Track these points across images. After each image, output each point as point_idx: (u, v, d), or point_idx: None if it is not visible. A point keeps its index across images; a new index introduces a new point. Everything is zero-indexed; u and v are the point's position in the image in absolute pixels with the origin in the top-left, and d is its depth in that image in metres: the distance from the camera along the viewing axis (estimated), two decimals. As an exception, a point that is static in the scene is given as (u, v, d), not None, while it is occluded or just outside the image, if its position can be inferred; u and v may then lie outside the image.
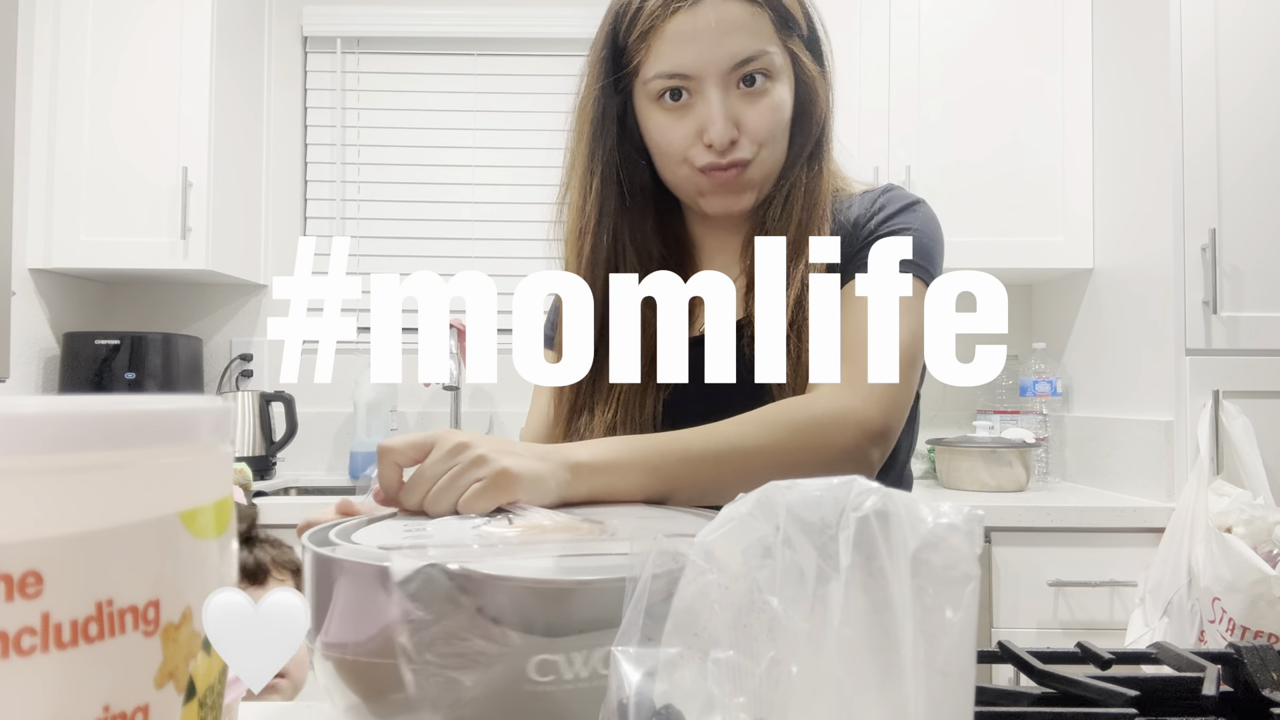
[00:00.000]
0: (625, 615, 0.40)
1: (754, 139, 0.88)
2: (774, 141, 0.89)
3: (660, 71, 0.87)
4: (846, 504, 0.38)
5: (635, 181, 0.95)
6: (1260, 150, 1.91)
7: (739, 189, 0.90)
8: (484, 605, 0.45)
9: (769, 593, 0.38)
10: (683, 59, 0.85)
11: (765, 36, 0.86)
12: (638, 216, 0.95)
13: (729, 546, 0.40)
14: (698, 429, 0.75)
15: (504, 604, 0.45)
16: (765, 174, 0.91)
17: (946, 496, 2.07)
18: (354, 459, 2.46)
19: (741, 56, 0.85)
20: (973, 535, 0.37)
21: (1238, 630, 1.64)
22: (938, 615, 0.35)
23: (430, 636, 0.45)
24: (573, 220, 0.95)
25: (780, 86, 0.88)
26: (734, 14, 0.84)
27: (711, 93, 0.86)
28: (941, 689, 0.35)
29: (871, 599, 0.36)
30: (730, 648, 0.38)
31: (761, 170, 0.90)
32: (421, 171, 2.66)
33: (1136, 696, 0.44)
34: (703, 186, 0.90)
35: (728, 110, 0.86)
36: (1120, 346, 2.14)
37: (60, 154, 2.25)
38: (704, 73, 0.85)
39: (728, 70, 0.85)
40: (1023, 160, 2.26)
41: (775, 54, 0.87)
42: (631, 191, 0.95)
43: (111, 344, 2.30)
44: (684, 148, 0.89)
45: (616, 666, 0.39)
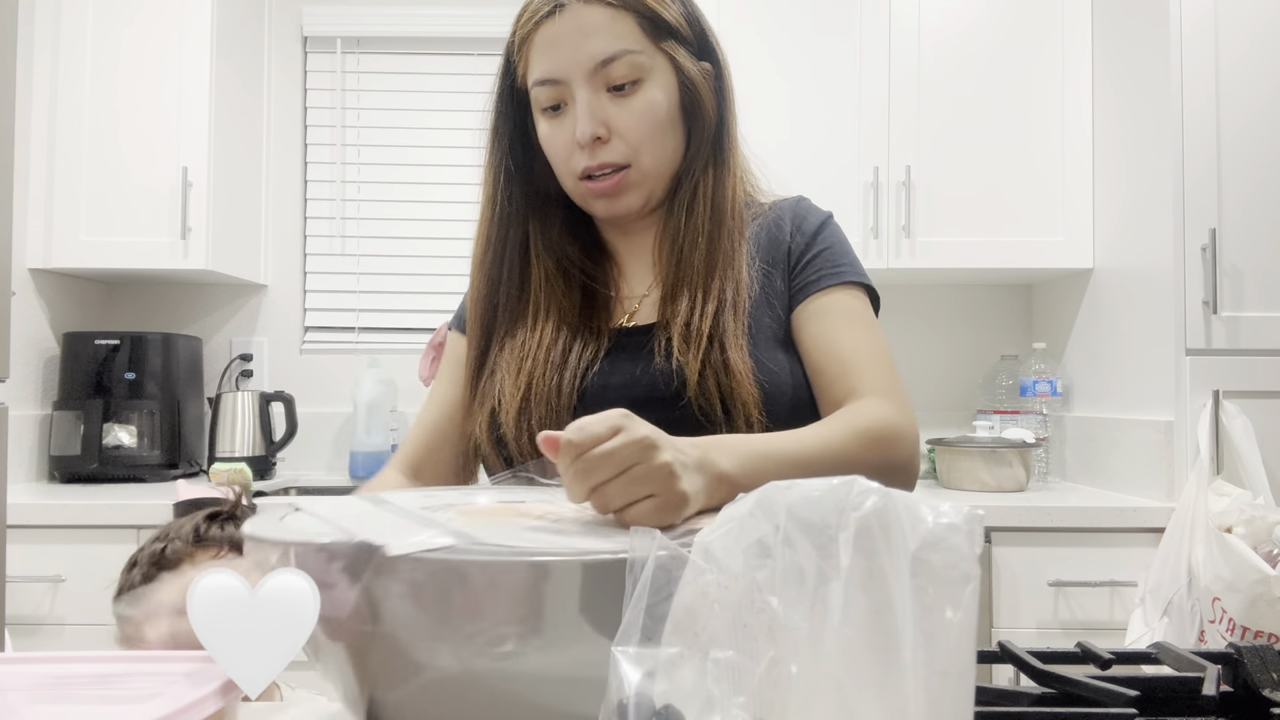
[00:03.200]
0: (625, 615, 0.40)
1: (626, 140, 0.91)
2: (651, 142, 0.91)
3: (535, 79, 0.91)
4: (846, 504, 0.38)
5: (542, 191, 0.99)
6: (1260, 150, 1.91)
7: (619, 192, 0.93)
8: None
9: (769, 593, 0.38)
10: (550, 64, 0.90)
11: (628, 38, 0.89)
12: (543, 224, 0.99)
13: (729, 546, 0.40)
14: (787, 434, 0.78)
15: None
16: (647, 176, 0.93)
17: (946, 496, 2.07)
18: (354, 459, 2.46)
19: (602, 57, 0.88)
20: (973, 535, 0.37)
21: (1238, 630, 1.64)
22: (938, 615, 0.35)
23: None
24: (479, 227, 0.99)
25: (652, 88, 0.91)
26: (594, 18, 0.88)
27: (579, 94, 0.89)
28: (941, 689, 0.35)
29: (871, 599, 0.36)
30: (730, 648, 0.38)
31: (641, 172, 0.92)
32: (421, 171, 2.66)
33: (1136, 696, 0.44)
34: (585, 192, 0.94)
35: (594, 110, 0.89)
36: (1120, 346, 2.14)
37: (60, 154, 2.25)
38: (569, 76, 0.89)
39: (590, 71, 0.89)
40: (1023, 160, 2.26)
41: (641, 55, 0.90)
42: (537, 201, 0.99)
43: (111, 344, 2.30)
44: (566, 155, 0.92)
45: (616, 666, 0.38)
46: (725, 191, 0.95)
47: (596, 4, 0.89)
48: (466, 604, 0.45)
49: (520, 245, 0.98)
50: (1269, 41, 1.92)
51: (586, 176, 0.92)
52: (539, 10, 0.91)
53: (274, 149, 2.65)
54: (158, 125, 2.26)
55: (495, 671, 0.46)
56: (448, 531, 0.51)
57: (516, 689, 0.46)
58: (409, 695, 0.48)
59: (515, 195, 0.98)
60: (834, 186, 2.24)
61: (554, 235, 0.98)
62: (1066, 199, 2.25)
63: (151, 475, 2.30)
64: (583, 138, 0.89)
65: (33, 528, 1.88)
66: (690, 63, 0.93)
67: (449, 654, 0.45)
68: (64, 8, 2.26)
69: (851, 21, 2.28)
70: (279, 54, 2.66)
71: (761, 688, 0.36)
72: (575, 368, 0.91)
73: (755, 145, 1.05)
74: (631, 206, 0.94)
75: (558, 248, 0.98)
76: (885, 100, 2.26)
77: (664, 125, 0.92)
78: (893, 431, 0.84)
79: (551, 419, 0.89)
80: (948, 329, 2.61)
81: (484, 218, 0.99)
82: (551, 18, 0.89)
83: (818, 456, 0.78)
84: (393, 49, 2.67)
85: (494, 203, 0.98)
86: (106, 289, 2.61)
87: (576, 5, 0.89)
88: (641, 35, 0.90)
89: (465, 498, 0.68)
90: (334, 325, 2.64)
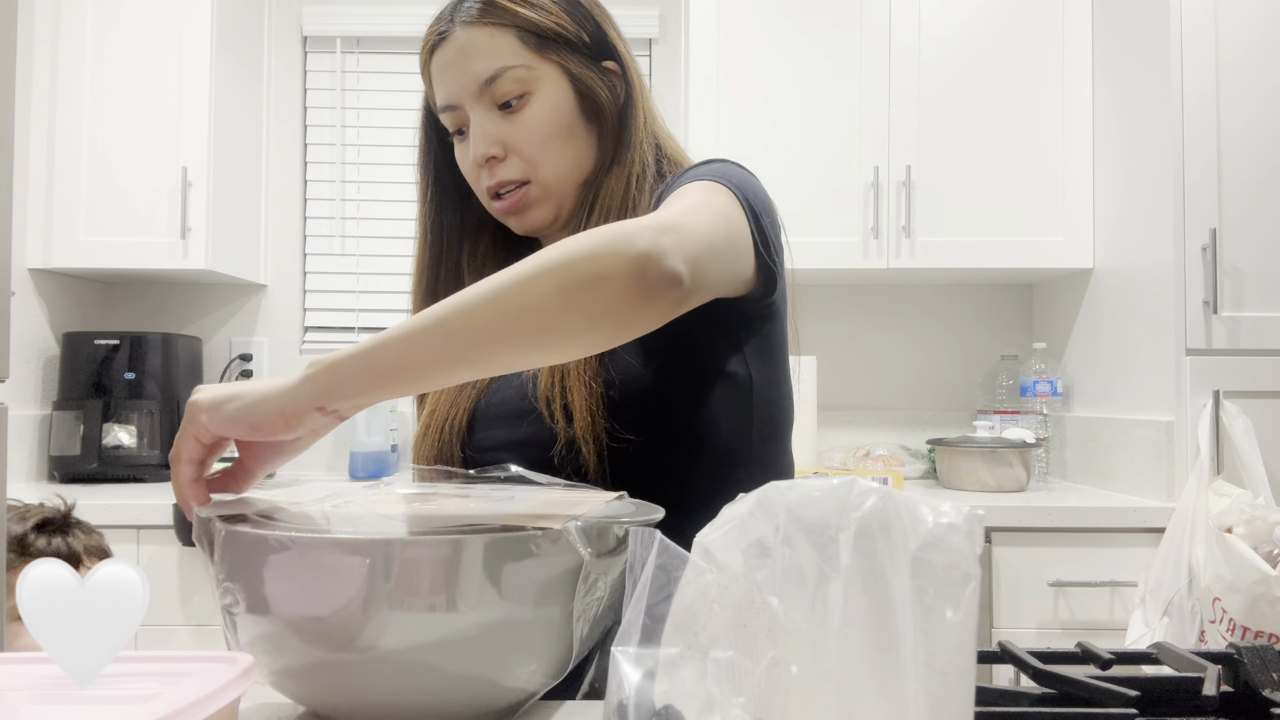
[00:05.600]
0: (625, 615, 0.40)
1: (521, 155, 0.91)
2: (546, 155, 0.91)
3: (439, 107, 0.93)
4: (846, 504, 0.38)
5: (475, 213, 1.00)
6: (1260, 150, 1.91)
7: (523, 208, 0.93)
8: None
9: (769, 593, 0.38)
10: (444, 90, 0.91)
11: (509, 54, 0.89)
12: (473, 247, 1.00)
13: (729, 546, 0.40)
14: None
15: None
16: (549, 189, 0.92)
17: (946, 496, 2.07)
18: (353, 459, 2.46)
19: (484, 76, 0.89)
20: (973, 535, 0.37)
21: (1238, 630, 1.64)
22: (938, 615, 0.35)
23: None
24: (415, 255, 1.00)
25: (539, 101, 0.90)
26: (474, 39, 0.89)
27: (472, 116, 0.90)
28: (941, 689, 0.35)
29: (871, 599, 0.36)
30: (730, 647, 0.38)
31: (543, 186, 0.92)
32: (421, 171, 2.65)
33: (1137, 697, 0.44)
34: (496, 211, 0.94)
35: (485, 130, 0.90)
36: (1120, 346, 2.14)
37: (60, 154, 2.25)
38: (460, 99, 0.91)
39: (476, 92, 0.90)
40: (1023, 160, 2.26)
41: (522, 69, 0.89)
42: (472, 223, 1.00)
43: (111, 344, 2.30)
44: (474, 177, 0.93)
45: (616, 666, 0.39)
46: (618, 189, 0.92)
47: (476, 25, 0.89)
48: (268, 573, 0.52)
49: (454, 274, 0.99)
50: (1269, 41, 1.92)
51: (495, 195, 0.93)
52: (430, 39, 0.93)
53: (274, 149, 2.65)
54: (158, 125, 2.26)
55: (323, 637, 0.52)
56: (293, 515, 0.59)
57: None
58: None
59: (446, 221, 0.99)
60: (834, 186, 2.24)
61: (481, 258, 0.99)
62: (1067, 199, 2.25)
63: (151, 475, 2.30)
64: (477, 158, 0.90)
65: (33, 528, 1.88)
66: (583, 67, 0.92)
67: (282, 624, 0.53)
68: (64, 8, 2.26)
69: (851, 21, 2.28)
70: (279, 54, 2.66)
71: (761, 688, 0.36)
72: (469, 392, 0.93)
73: (755, 145, 1.05)
74: (541, 221, 0.94)
75: (483, 272, 0.97)
76: (885, 100, 2.26)
77: (559, 135, 0.91)
78: (596, 233, 0.64)
79: (445, 444, 0.92)
80: (948, 329, 2.61)
81: (419, 247, 1.00)
82: (439, 46, 0.91)
83: (463, 296, 0.63)
84: (393, 49, 2.67)
85: (425, 230, 1.00)
86: (106, 289, 2.61)
87: (459, 30, 0.90)
88: (524, 49, 0.90)
89: (378, 489, 0.75)
90: (334, 325, 2.64)
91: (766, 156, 2.20)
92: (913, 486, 2.30)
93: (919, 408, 2.59)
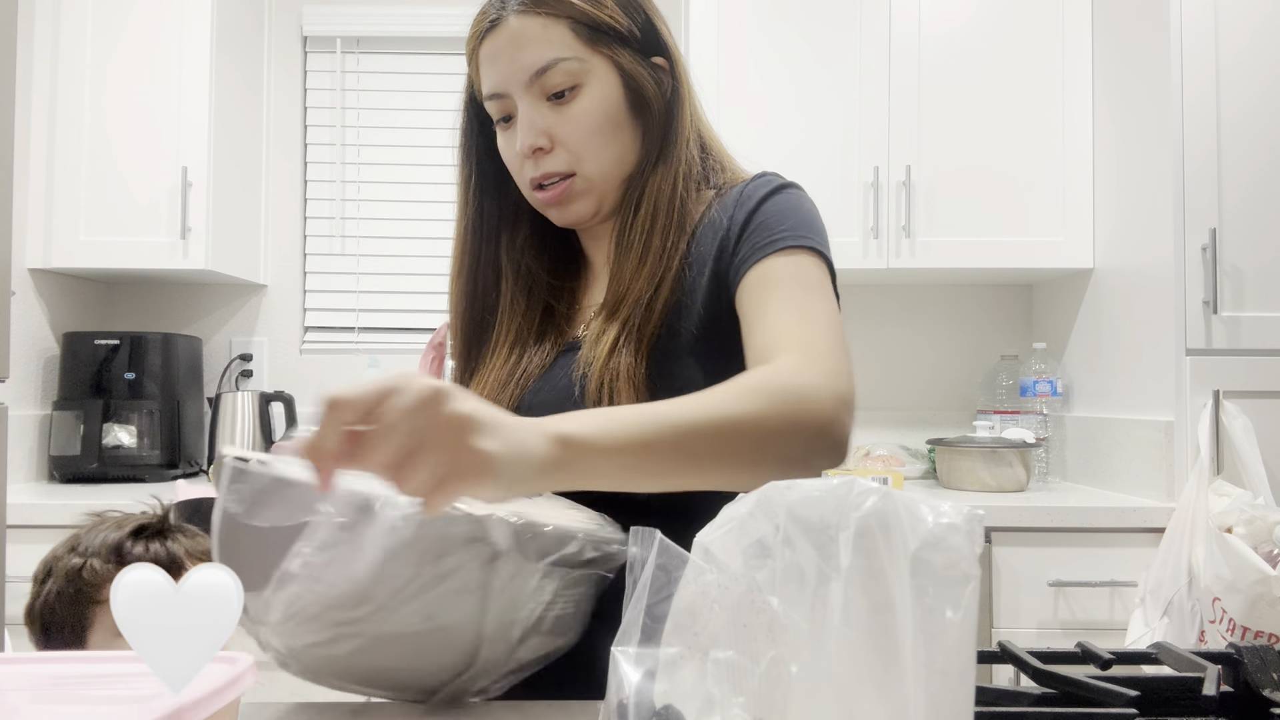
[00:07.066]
0: (625, 615, 0.40)
1: (568, 148, 0.90)
2: (593, 148, 0.91)
3: (485, 94, 0.92)
4: (846, 504, 0.38)
5: (514, 202, 0.99)
6: (1260, 150, 1.91)
7: (566, 200, 0.92)
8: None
9: (769, 593, 0.37)
10: (493, 79, 0.91)
11: (561, 45, 0.89)
12: (511, 237, 0.99)
13: (729, 546, 0.40)
14: (674, 400, 0.69)
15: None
16: (593, 182, 0.92)
17: (946, 496, 2.07)
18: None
19: (535, 67, 0.88)
20: (973, 535, 0.37)
21: (1238, 630, 1.64)
22: (938, 615, 0.35)
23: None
24: (454, 245, 1.00)
25: (590, 94, 0.90)
26: (527, 28, 0.89)
27: (520, 105, 0.90)
28: (941, 689, 0.35)
29: (871, 599, 0.36)
30: (730, 647, 0.38)
31: (587, 179, 0.91)
32: (421, 171, 2.65)
33: (1137, 696, 0.44)
34: (538, 202, 0.94)
35: (533, 121, 0.89)
36: (1120, 346, 2.14)
37: (60, 154, 2.25)
38: (509, 88, 0.90)
39: (526, 82, 0.89)
40: (1023, 160, 2.25)
41: (576, 61, 0.89)
42: (510, 212, 0.99)
43: (111, 344, 2.30)
44: (518, 167, 0.93)
45: (616, 666, 0.38)
46: (666, 188, 0.92)
47: (529, 14, 0.89)
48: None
49: (492, 264, 0.98)
50: (1269, 41, 1.92)
51: (538, 186, 0.92)
52: (480, 27, 0.92)
53: (274, 149, 2.65)
54: (158, 125, 2.26)
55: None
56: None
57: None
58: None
59: (486, 209, 0.99)
60: (834, 186, 2.24)
61: (520, 248, 0.99)
62: (1067, 199, 2.25)
63: (151, 475, 2.30)
64: (523, 149, 0.90)
65: (33, 528, 1.87)
66: (634, 62, 0.92)
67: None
68: (64, 8, 2.26)
69: (852, 21, 2.28)
70: (279, 54, 2.65)
71: (761, 688, 0.36)
72: (512, 388, 0.92)
73: (755, 144, 1.05)
74: (582, 214, 0.93)
75: (521, 262, 0.98)
76: (885, 100, 2.26)
77: (606, 129, 0.91)
78: (799, 387, 0.73)
79: None
80: (948, 329, 2.61)
81: (458, 235, 0.99)
82: (490, 33, 0.90)
83: (697, 416, 0.68)
84: (393, 49, 2.67)
85: (466, 218, 0.99)
86: (106, 289, 2.61)
87: (511, 18, 0.89)
88: (576, 41, 0.89)
89: None
90: (334, 325, 2.64)
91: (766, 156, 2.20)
92: (913, 486, 2.30)
93: (919, 408, 2.59)
